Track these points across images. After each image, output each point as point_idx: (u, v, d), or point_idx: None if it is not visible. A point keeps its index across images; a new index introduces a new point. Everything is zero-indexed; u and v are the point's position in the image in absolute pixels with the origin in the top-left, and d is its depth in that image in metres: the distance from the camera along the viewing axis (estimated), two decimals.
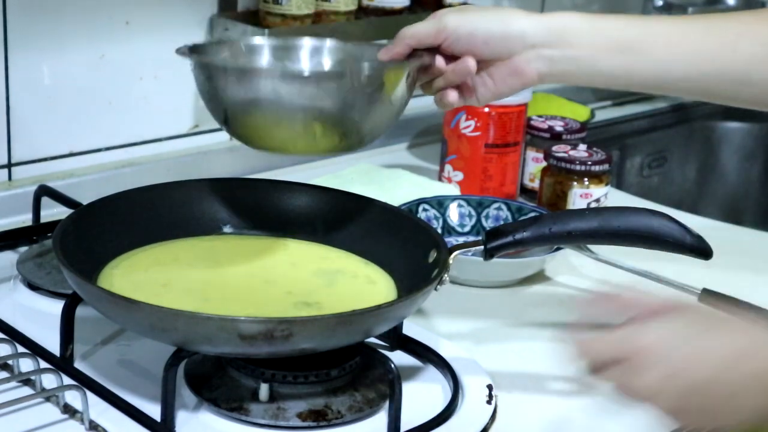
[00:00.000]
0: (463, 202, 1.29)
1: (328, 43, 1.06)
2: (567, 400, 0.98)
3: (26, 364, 0.92)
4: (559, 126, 1.45)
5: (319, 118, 0.93)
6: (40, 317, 1.03)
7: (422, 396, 0.94)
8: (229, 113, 0.97)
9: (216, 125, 1.42)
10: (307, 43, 1.06)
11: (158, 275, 0.99)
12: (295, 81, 0.94)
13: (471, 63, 0.98)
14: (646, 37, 1.00)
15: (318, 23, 1.40)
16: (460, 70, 0.99)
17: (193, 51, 0.99)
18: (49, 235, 1.11)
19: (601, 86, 1.04)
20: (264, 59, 1.05)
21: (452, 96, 1.01)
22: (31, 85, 1.25)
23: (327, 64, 1.05)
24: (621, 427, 0.94)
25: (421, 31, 0.99)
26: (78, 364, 0.95)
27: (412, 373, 0.98)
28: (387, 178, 1.39)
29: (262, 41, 1.07)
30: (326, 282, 1.00)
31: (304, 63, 1.05)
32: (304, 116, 0.93)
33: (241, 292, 0.98)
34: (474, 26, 0.99)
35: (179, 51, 0.98)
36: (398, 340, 1.00)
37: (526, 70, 0.99)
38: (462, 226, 1.28)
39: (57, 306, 0.96)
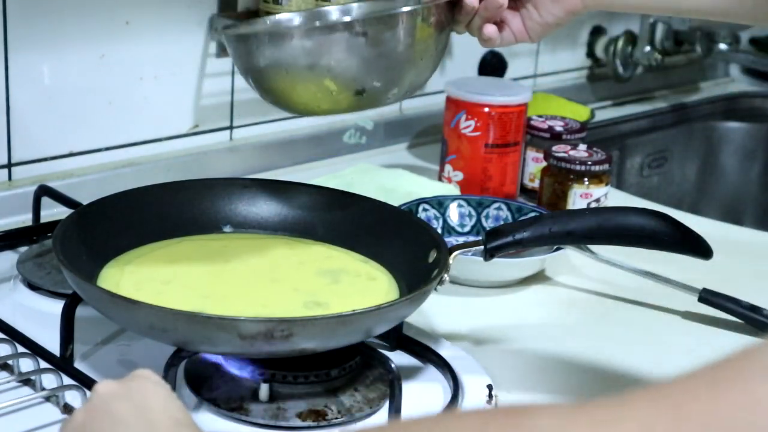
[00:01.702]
0: (463, 202, 1.29)
1: (356, 6, 1.06)
2: (567, 400, 0.97)
3: (26, 364, 0.92)
4: (559, 126, 1.45)
5: (328, 74, 0.93)
6: (40, 317, 1.03)
7: (422, 396, 0.94)
8: (254, 82, 0.97)
9: (216, 125, 1.44)
10: (334, 10, 1.06)
11: (161, 273, 0.99)
12: (292, 38, 0.94)
13: None
14: None
15: None
16: (490, 5, 0.97)
17: (226, 28, 1.00)
18: (49, 235, 1.11)
19: (647, 13, 1.00)
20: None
21: (489, 30, 0.98)
22: (31, 85, 1.25)
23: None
24: None
25: None
26: (78, 364, 0.95)
27: (412, 373, 0.98)
28: (387, 178, 1.39)
29: (291, 15, 1.07)
30: (331, 280, 1.01)
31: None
32: (310, 75, 0.93)
33: (248, 290, 0.98)
34: None
35: (213, 32, 0.98)
36: (398, 340, 1.00)
37: None
38: (462, 226, 1.28)
39: (57, 306, 0.96)
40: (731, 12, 0.98)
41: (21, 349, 0.94)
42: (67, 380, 0.91)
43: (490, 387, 0.95)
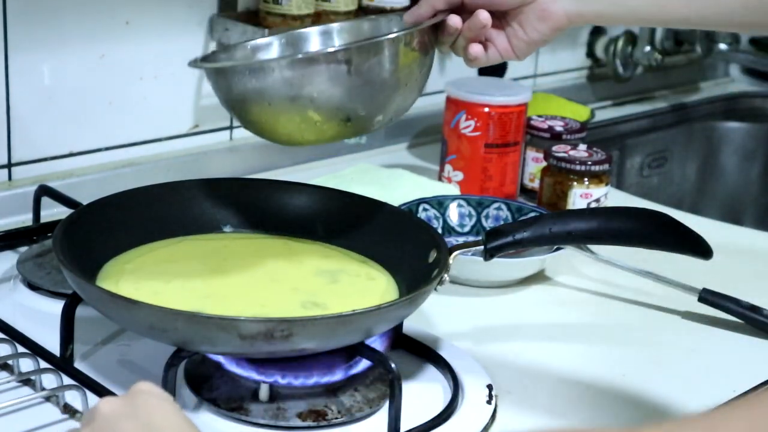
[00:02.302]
0: (463, 202, 1.29)
1: (337, 26, 1.04)
2: (567, 400, 0.98)
3: (26, 364, 0.92)
4: (559, 126, 1.45)
5: (311, 105, 0.91)
6: (40, 317, 1.03)
7: (422, 396, 0.94)
8: (236, 113, 0.96)
9: (216, 125, 1.44)
10: (314, 32, 1.05)
11: (161, 272, 0.99)
12: (273, 70, 0.92)
13: (483, 16, 0.95)
14: None
15: (318, 23, 1.40)
16: (474, 25, 0.96)
17: (204, 60, 0.99)
18: (49, 235, 1.11)
19: (635, 25, 0.98)
20: (265, 54, 1.04)
21: (474, 50, 0.98)
22: (31, 85, 1.25)
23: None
24: (620, 425, 0.94)
25: None
26: (78, 364, 0.95)
27: (412, 373, 0.98)
28: (387, 178, 1.39)
29: (270, 39, 1.06)
30: (330, 280, 1.01)
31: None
32: (294, 106, 0.91)
33: (247, 290, 0.98)
34: None
35: (191, 64, 0.97)
36: (398, 340, 1.00)
37: (552, 12, 0.96)
38: (462, 226, 1.28)
39: (57, 306, 0.96)
40: (719, 21, 0.98)
41: (21, 349, 0.94)
42: (67, 380, 0.91)
43: (490, 387, 0.95)
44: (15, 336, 0.97)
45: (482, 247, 0.98)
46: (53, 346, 0.95)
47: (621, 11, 0.97)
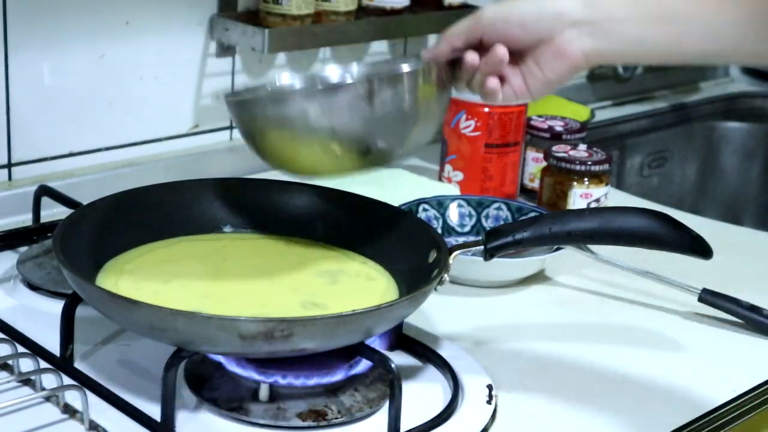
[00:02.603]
0: (463, 202, 1.29)
1: (355, 67, 1.06)
2: (567, 400, 0.98)
3: (26, 364, 0.92)
4: (559, 126, 1.45)
5: (332, 136, 0.92)
6: (40, 317, 1.03)
7: (422, 396, 0.94)
8: (257, 146, 0.97)
9: (216, 125, 1.44)
10: (333, 70, 1.06)
11: (160, 272, 0.99)
12: (295, 102, 0.93)
13: (501, 51, 0.95)
14: (692, 1, 0.93)
15: (318, 23, 1.41)
16: (491, 61, 0.95)
17: (228, 96, 1.00)
18: (49, 235, 1.11)
19: (653, 63, 0.97)
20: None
21: (491, 83, 0.97)
22: (31, 85, 1.25)
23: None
24: (620, 425, 0.94)
25: (459, 27, 0.96)
26: (78, 364, 0.95)
27: (412, 373, 0.98)
28: (387, 178, 1.39)
29: (291, 79, 1.07)
30: (329, 280, 1.01)
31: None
32: (315, 137, 0.92)
33: (246, 290, 0.98)
34: (508, 12, 0.95)
35: (225, 95, 0.99)
36: (398, 340, 1.00)
37: (569, 51, 0.95)
38: (462, 226, 1.28)
39: (57, 306, 0.96)
40: (735, 52, 0.97)
41: (21, 349, 0.94)
42: (67, 380, 0.91)
43: (490, 387, 0.95)
44: (15, 336, 0.97)
45: (482, 247, 0.98)
46: (53, 346, 0.95)
47: (639, 50, 0.96)
